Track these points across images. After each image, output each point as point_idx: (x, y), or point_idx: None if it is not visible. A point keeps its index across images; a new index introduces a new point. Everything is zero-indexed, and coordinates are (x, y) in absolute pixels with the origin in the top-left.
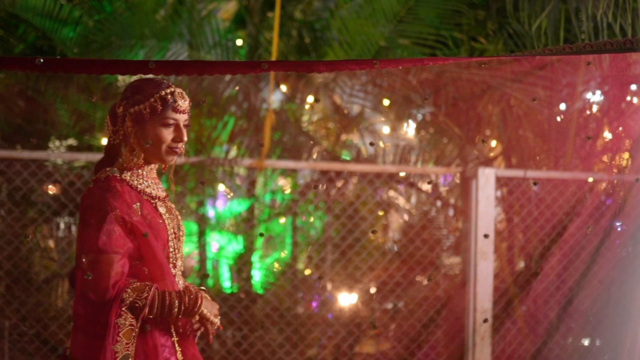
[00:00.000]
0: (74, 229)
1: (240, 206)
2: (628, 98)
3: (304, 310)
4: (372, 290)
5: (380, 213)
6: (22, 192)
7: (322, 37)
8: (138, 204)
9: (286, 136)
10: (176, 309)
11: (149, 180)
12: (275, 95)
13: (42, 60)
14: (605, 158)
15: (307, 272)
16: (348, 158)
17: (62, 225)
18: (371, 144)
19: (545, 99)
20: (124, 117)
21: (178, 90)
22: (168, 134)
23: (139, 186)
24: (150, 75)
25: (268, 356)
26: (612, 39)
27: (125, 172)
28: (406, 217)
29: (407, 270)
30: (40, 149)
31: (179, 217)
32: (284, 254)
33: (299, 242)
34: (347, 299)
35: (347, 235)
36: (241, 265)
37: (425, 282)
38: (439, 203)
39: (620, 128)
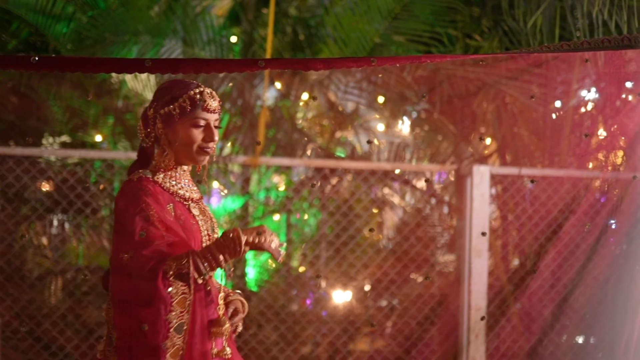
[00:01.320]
0: (67, 226)
1: (234, 203)
2: (623, 95)
3: (298, 308)
4: (367, 287)
5: (375, 210)
6: (15, 189)
7: (317, 34)
8: (171, 204)
9: (280, 133)
10: (222, 257)
11: (181, 181)
12: (270, 92)
13: (37, 59)
14: (600, 156)
15: (302, 269)
16: (342, 155)
17: (55, 223)
18: (368, 142)
19: (541, 96)
20: (155, 119)
21: (207, 90)
22: (198, 134)
23: (172, 188)
24: (180, 76)
25: (262, 354)
26: (609, 36)
27: (157, 174)
28: (401, 214)
29: (402, 267)
30: (33, 145)
31: (214, 219)
32: None
33: (293, 239)
34: (341, 297)
35: (342, 232)
36: (235, 262)
37: (420, 279)
38: (433, 200)
39: (615, 126)
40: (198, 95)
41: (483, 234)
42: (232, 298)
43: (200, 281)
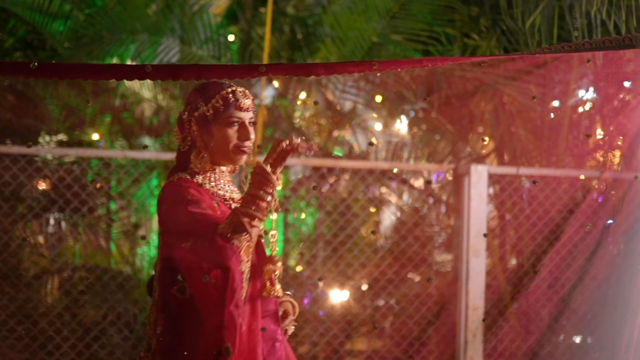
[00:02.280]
0: (64, 225)
1: None
2: (621, 96)
3: None
4: (364, 287)
5: (372, 210)
6: (11, 187)
7: (315, 33)
8: (215, 202)
9: (278, 132)
10: (261, 192)
11: (220, 182)
12: (267, 91)
13: (36, 65)
14: (598, 156)
15: (299, 268)
16: (340, 154)
17: (51, 221)
18: (370, 144)
19: (539, 96)
20: (190, 122)
21: (240, 89)
22: (233, 133)
23: (212, 189)
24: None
25: None
26: (609, 36)
27: (196, 176)
28: (398, 214)
29: (399, 267)
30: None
31: None
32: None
33: (291, 238)
34: (338, 296)
35: (339, 232)
36: None
37: (417, 279)
38: (431, 200)
39: (613, 126)
40: (230, 95)
41: (485, 235)
42: (282, 299)
43: (256, 224)
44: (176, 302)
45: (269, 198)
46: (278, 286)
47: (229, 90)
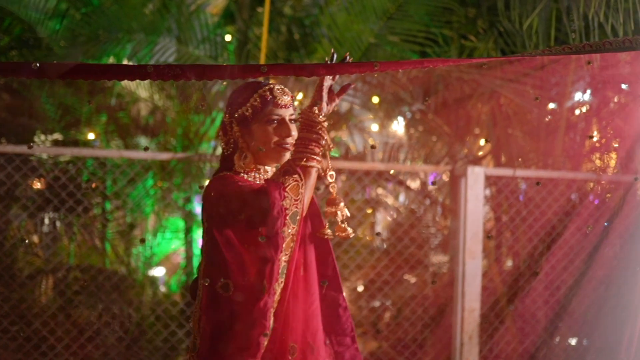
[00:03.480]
0: (58, 224)
1: None
2: (616, 99)
3: None
4: (360, 288)
5: (369, 211)
6: (6, 186)
7: (312, 34)
8: None
9: None
10: (314, 133)
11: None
12: None
13: (38, 65)
14: (595, 158)
15: None
16: (337, 155)
17: (46, 221)
18: (372, 147)
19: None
20: (231, 124)
21: (277, 86)
22: (274, 131)
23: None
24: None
25: None
26: (608, 38)
27: (240, 174)
28: (395, 215)
29: (395, 269)
30: (24, 143)
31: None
32: None
33: None
34: None
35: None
36: None
37: (413, 280)
38: (427, 201)
39: (611, 129)
40: (268, 92)
41: (489, 237)
42: None
43: (306, 163)
44: (219, 300)
45: (318, 137)
46: (346, 225)
47: (267, 88)
